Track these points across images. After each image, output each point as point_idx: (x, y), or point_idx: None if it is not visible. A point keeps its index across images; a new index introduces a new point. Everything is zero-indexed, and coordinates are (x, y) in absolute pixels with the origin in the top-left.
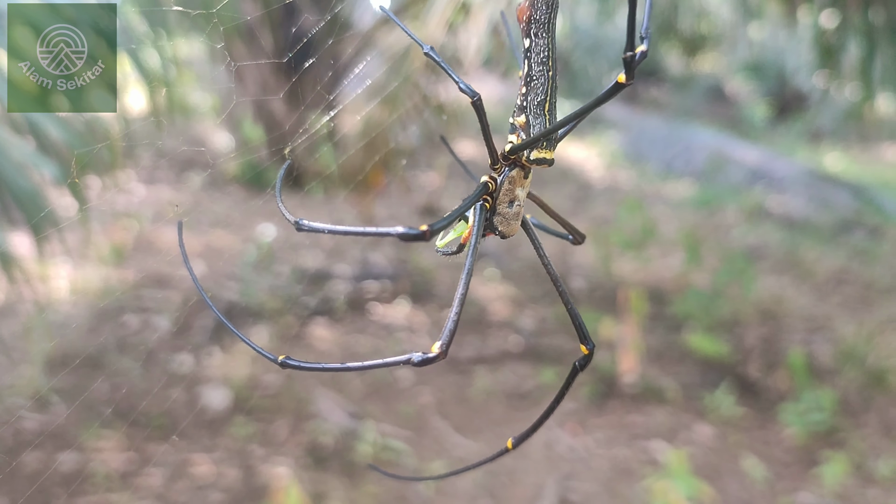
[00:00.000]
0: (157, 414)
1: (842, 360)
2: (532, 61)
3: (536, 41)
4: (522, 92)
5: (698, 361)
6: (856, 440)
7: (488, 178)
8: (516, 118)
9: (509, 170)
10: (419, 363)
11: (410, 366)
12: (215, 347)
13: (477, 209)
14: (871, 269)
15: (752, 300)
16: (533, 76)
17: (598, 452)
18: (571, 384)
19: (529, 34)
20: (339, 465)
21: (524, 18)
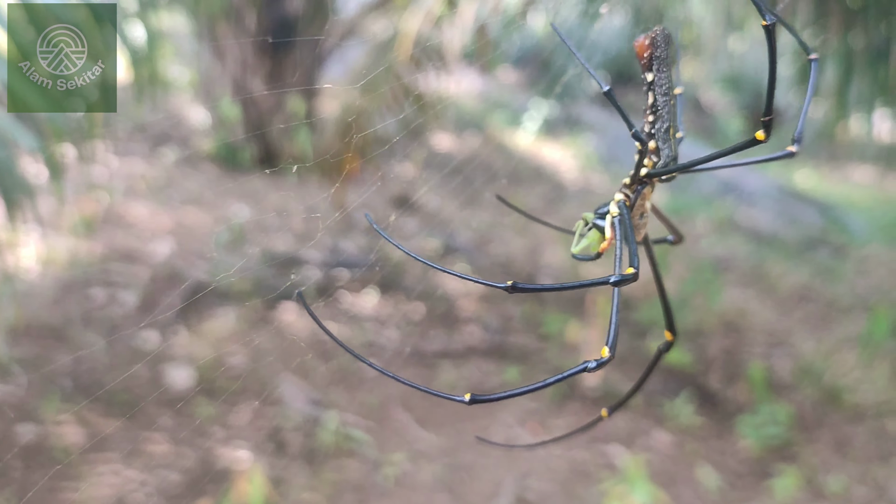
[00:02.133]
0: (118, 390)
1: (800, 375)
2: (656, 93)
3: (659, 75)
4: (650, 120)
5: (660, 369)
6: (808, 455)
7: (623, 196)
8: (644, 143)
9: (642, 187)
10: (595, 369)
11: (588, 372)
12: (181, 326)
13: (616, 222)
14: (833, 288)
15: (717, 311)
16: (658, 106)
17: (556, 453)
18: (657, 364)
19: (651, 69)
20: (300, 452)
21: (645, 55)
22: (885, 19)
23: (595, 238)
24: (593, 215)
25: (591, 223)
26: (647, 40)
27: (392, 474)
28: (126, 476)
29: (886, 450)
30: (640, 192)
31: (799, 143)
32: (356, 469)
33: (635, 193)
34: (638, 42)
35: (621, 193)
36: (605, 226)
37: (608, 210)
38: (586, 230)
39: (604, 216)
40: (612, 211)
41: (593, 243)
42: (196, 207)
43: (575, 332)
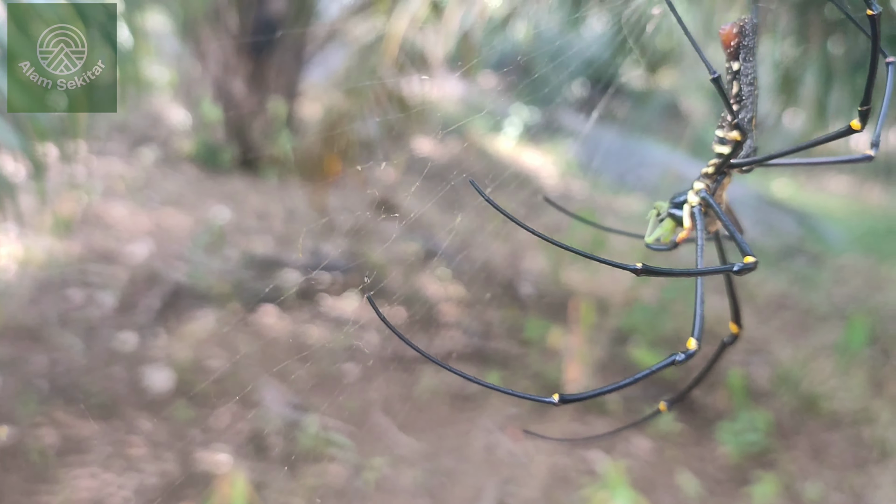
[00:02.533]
0: (96, 392)
1: (778, 383)
2: (742, 83)
3: (745, 65)
4: (734, 110)
5: None
6: (786, 462)
7: (704, 185)
8: (727, 133)
9: (722, 178)
10: (684, 360)
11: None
12: (160, 328)
13: (696, 212)
14: (810, 296)
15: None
16: (743, 96)
17: (537, 459)
18: (720, 357)
19: (738, 58)
20: (281, 456)
21: (732, 44)
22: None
23: (669, 227)
24: (667, 204)
25: (664, 213)
26: (735, 28)
27: (372, 479)
28: (104, 479)
29: (862, 457)
30: (721, 182)
31: (877, 147)
32: (337, 473)
33: (716, 183)
34: (724, 30)
35: (701, 182)
36: (684, 215)
37: (685, 199)
38: (658, 220)
39: (680, 205)
40: (691, 200)
41: (667, 233)
42: (175, 208)
43: (557, 338)
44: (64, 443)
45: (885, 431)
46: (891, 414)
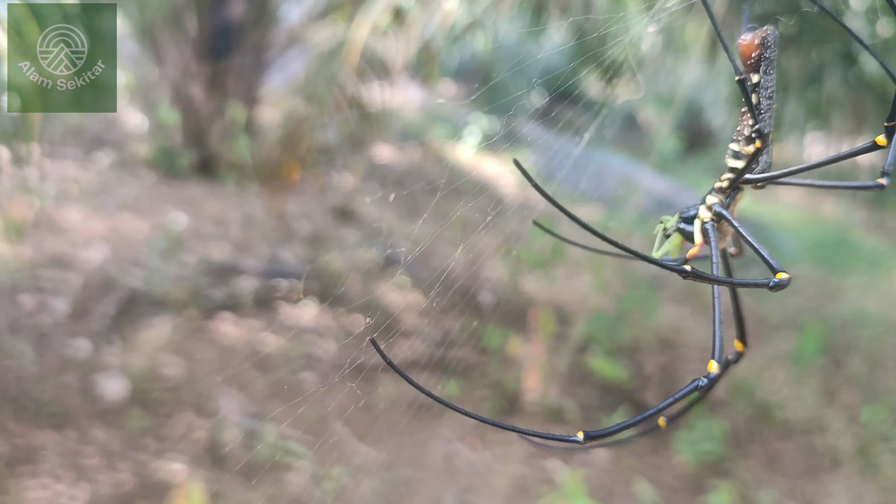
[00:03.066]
0: (48, 400)
1: (733, 392)
2: (761, 96)
3: (766, 77)
4: (751, 124)
5: (598, 384)
6: (741, 470)
7: (718, 200)
8: (743, 147)
9: (735, 193)
10: (707, 386)
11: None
12: (115, 335)
13: (710, 228)
14: (763, 306)
15: (653, 328)
16: (762, 109)
17: (496, 468)
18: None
19: (758, 70)
20: (237, 465)
21: (753, 55)
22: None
23: (676, 243)
24: (675, 219)
25: (672, 228)
26: (756, 39)
27: (331, 489)
28: (55, 490)
29: (815, 465)
30: (734, 197)
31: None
32: (295, 483)
33: (729, 199)
34: (745, 41)
35: (715, 197)
36: (695, 231)
37: (695, 214)
38: (665, 235)
39: (689, 220)
40: (703, 215)
41: (674, 248)
42: (131, 213)
43: (516, 347)
44: (14, 452)
45: (836, 440)
46: (842, 423)
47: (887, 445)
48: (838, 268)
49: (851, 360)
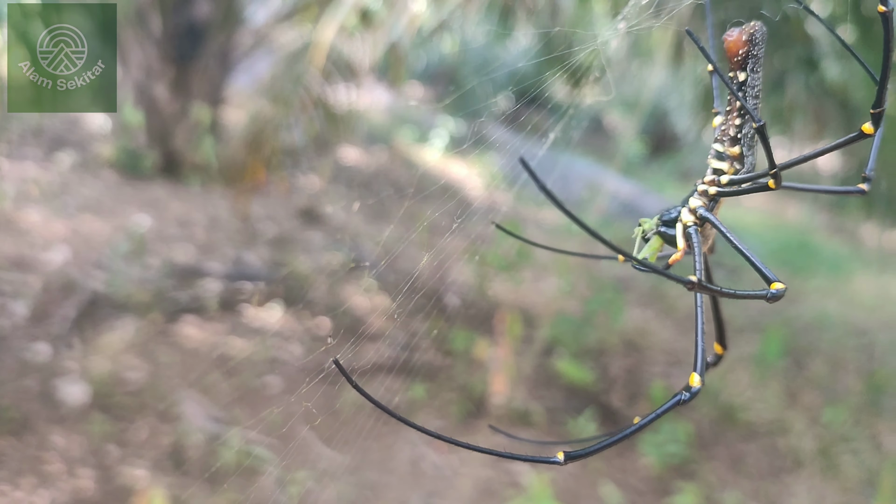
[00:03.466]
0: (7, 405)
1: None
2: (748, 95)
3: (753, 76)
4: (736, 124)
5: (564, 387)
6: (706, 472)
7: (701, 203)
8: (728, 148)
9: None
10: (689, 399)
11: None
12: (76, 338)
13: (693, 232)
14: (727, 309)
15: (618, 331)
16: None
17: (462, 472)
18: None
19: (746, 68)
20: (200, 471)
21: (741, 53)
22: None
23: (656, 247)
24: (654, 222)
25: (651, 231)
26: (744, 36)
27: (296, 493)
28: (14, 497)
29: (777, 466)
30: (717, 199)
31: (869, 182)
32: (259, 487)
33: (713, 201)
34: (732, 37)
35: (699, 199)
36: (677, 235)
37: (676, 216)
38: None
39: (672, 223)
40: (685, 219)
41: (653, 252)
42: (93, 215)
43: (482, 350)
44: None
45: (798, 441)
46: (804, 424)
47: (848, 446)
48: (800, 271)
49: (813, 362)
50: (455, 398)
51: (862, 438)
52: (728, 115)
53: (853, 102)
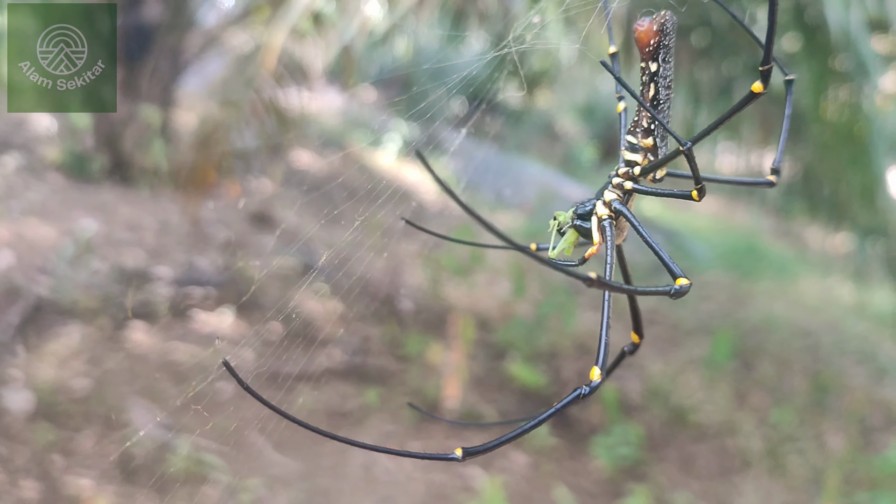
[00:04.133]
0: None
1: (649, 397)
2: (659, 85)
3: (664, 66)
4: (649, 115)
5: (517, 390)
6: (657, 474)
7: (616, 196)
8: (642, 140)
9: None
10: (589, 393)
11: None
12: (19, 345)
13: (607, 225)
14: (678, 312)
15: (571, 334)
16: (660, 100)
17: (415, 476)
18: (619, 364)
19: (657, 59)
20: (149, 479)
21: (652, 43)
22: (728, 58)
23: (571, 241)
24: (569, 214)
25: (568, 224)
26: (654, 25)
27: (247, 500)
28: None
29: (726, 467)
30: (632, 193)
31: (778, 174)
32: (209, 496)
33: (627, 194)
34: (643, 27)
35: (613, 192)
36: (593, 228)
37: (591, 209)
38: (560, 232)
39: (587, 217)
40: (600, 212)
41: (569, 246)
42: (39, 219)
43: (436, 354)
44: None
45: (746, 441)
46: (752, 425)
47: (794, 446)
48: (748, 274)
49: (761, 363)
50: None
51: (807, 438)
52: (640, 106)
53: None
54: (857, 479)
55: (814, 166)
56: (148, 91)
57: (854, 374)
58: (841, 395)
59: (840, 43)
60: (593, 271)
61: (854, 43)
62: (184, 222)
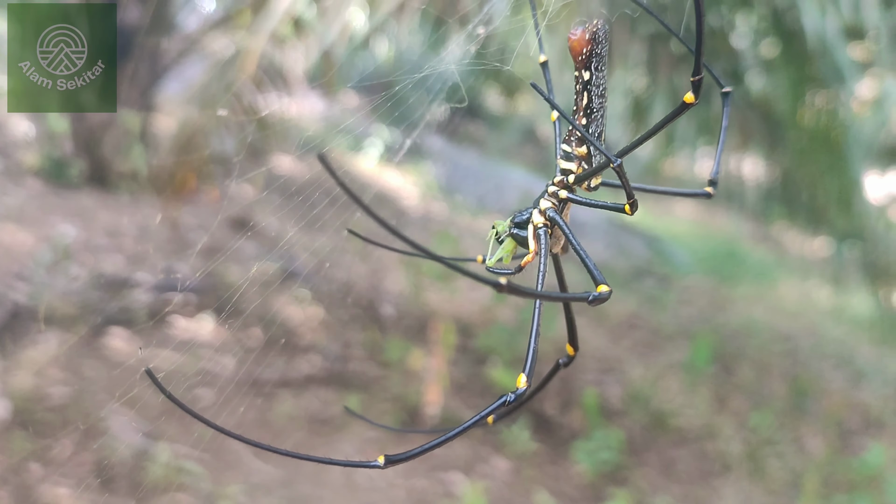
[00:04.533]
0: None
1: (629, 401)
2: (593, 94)
3: (597, 74)
4: (583, 123)
5: (498, 396)
6: (637, 478)
7: (551, 204)
8: (576, 148)
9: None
10: (514, 401)
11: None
12: None
13: (542, 233)
14: (658, 316)
15: (551, 339)
16: (593, 108)
17: (396, 483)
18: (552, 378)
19: (590, 67)
20: (128, 487)
21: (584, 51)
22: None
23: (509, 248)
24: (507, 223)
25: (506, 232)
26: (587, 34)
27: None
28: None
29: (706, 470)
30: (567, 202)
31: (715, 185)
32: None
33: (563, 202)
34: (576, 35)
35: (548, 201)
36: (529, 236)
37: (528, 218)
38: (498, 241)
39: (524, 225)
40: (536, 220)
41: (507, 254)
42: (16, 225)
43: (417, 360)
44: None
45: (726, 445)
46: (732, 428)
47: (773, 449)
48: (728, 279)
49: (740, 367)
50: (389, 408)
51: (786, 441)
52: (574, 114)
53: (775, 115)
54: (835, 481)
55: (792, 172)
56: (127, 95)
57: (832, 377)
58: (819, 398)
59: (817, 50)
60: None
61: (830, 50)
62: (163, 228)
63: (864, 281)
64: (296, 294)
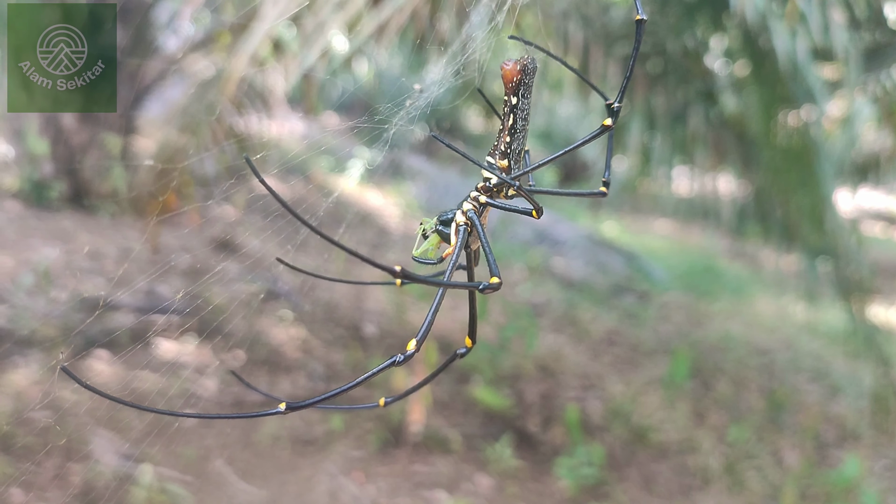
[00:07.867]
0: None
1: (610, 417)
2: (518, 116)
3: (523, 101)
4: (507, 140)
5: (481, 413)
6: (619, 493)
7: (472, 207)
8: (499, 161)
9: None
10: (403, 361)
11: (396, 366)
12: None
13: (461, 231)
14: (637, 332)
15: (533, 356)
16: (517, 129)
17: (381, 501)
18: (449, 365)
19: (518, 94)
20: None
21: (514, 80)
22: (683, 86)
23: (434, 243)
24: (433, 221)
25: (432, 229)
26: (518, 66)
27: None
28: None
29: (687, 484)
30: (487, 207)
31: (608, 186)
32: None
33: (483, 206)
34: (508, 66)
35: (470, 204)
36: (451, 233)
37: (452, 217)
38: (424, 236)
39: (448, 223)
40: (458, 219)
41: (432, 248)
42: None
43: (400, 379)
44: None
45: (706, 459)
46: (711, 442)
47: (752, 462)
48: (705, 294)
49: (719, 382)
50: (373, 428)
51: (764, 454)
52: (501, 132)
53: (749, 134)
54: (812, 493)
55: (765, 189)
56: (107, 117)
57: (808, 391)
58: (796, 412)
59: (788, 70)
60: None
61: (801, 70)
62: (145, 249)
63: (838, 295)
64: (279, 314)
